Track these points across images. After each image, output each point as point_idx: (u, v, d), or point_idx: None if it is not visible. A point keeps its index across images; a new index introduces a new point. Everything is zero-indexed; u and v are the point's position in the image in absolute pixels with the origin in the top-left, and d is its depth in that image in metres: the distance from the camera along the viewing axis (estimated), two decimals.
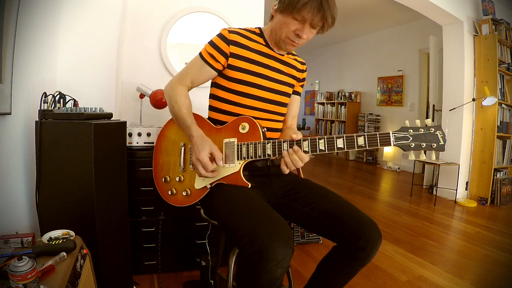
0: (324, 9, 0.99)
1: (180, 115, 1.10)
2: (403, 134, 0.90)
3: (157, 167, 1.21)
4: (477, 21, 3.57)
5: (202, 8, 2.21)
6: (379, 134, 0.91)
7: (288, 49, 1.17)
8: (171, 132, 1.20)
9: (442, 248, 2.27)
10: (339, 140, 0.93)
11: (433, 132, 0.90)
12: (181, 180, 1.14)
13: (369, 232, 0.99)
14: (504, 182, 3.47)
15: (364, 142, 0.92)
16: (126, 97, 2.08)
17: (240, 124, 1.08)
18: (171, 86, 1.16)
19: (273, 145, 1.02)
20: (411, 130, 0.91)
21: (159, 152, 1.22)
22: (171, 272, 1.79)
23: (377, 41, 5.98)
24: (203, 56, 1.13)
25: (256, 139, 1.05)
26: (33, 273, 0.67)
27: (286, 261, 0.82)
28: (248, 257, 0.84)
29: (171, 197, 1.16)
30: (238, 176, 1.06)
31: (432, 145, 0.89)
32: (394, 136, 0.90)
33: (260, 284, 0.84)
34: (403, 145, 0.90)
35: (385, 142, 0.90)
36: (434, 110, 4.04)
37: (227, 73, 1.14)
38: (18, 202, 1.18)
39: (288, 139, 1.00)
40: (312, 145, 0.97)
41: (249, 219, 0.89)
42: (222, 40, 1.11)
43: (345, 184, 4.36)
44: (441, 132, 0.90)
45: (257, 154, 1.03)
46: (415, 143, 0.90)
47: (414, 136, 0.90)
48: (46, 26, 1.40)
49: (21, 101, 1.17)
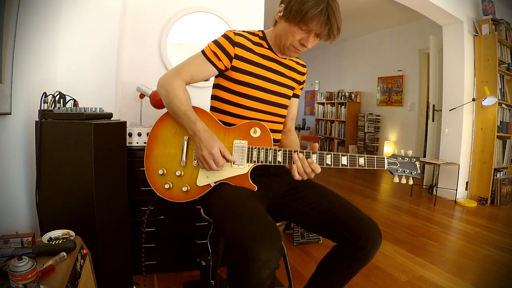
0: (331, 22, 1.00)
1: (182, 110, 1.07)
2: (394, 160, 1.11)
3: (151, 158, 1.13)
4: (477, 21, 3.57)
5: (202, 8, 2.21)
6: (377, 157, 1.10)
7: (291, 56, 1.18)
8: (171, 124, 1.14)
9: (442, 248, 2.27)
10: (343, 158, 1.08)
11: (414, 162, 1.11)
12: (181, 175, 1.10)
13: (369, 232, 0.99)
14: (504, 182, 3.47)
15: (364, 163, 1.08)
16: (126, 97, 2.08)
17: (252, 128, 1.09)
18: (167, 79, 1.12)
19: (284, 153, 1.06)
20: (400, 158, 1.11)
21: (154, 142, 1.14)
22: (171, 272, 1.79)
23: (377, 41, 5.98)
24: (206, 54, 1.12)
25: (266, 144, 1.08)
26: (33, 273, 0.67)
27: (273, 262, 0.82)
28: (235, 257, 0.85)
29: (167, 191, 1.10)
30: (245, 178, 1.06)
31: (412, 172, 1.11)
32: (387, 161, 1.10)
33: (247, 285, 0.84)
34: (392, 169, 1.10)
35: (381, 165, 1.09)
36: (434, 110, 4.04)
37: (230, 75, 1.14)
38: (18, 202, 1.18)
39: (299, 149, 1.06)
40: (320, 159, 1.06)
41: (238, 219, 0.90)
42: (228, 41, 1.11)
43: (345, 184, 4.36)
44: (419, 163, 1.12)
45: (268, 160, 1.06)
46: (401, 169, 1.11)
47: (401, 163, 1.11)
48: (46, 26, 1.40)
49: (21, 101, 1.17)
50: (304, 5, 0.98)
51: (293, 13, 1.01)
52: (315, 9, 0.98)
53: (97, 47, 1.70)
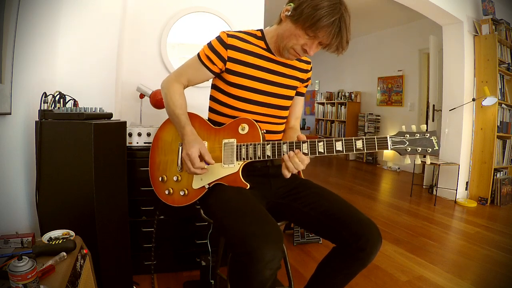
0: (342, 35, 0.96)
1: (175, 114, 1.11)
2: (400, 138, 0.93)
3: (154, 166, 1.21)
4: (477, 21, 3.57)
5: (202, 8, 2.21)
6: (377, 138, 0.93)
7: (289, 59, 1.13)
8: (168, 132, 1.20)
9: (442, 248, 2.27)
10: (338, 143, 0.95)
11: (428, 137, 0.93)
12: (178, 179, 1.14)
13: (369, 233, 0.99)
14: (504, 182, 3.46)
15: (362, 146, 0.94)
16: (126, 97, 2.07)
17: (240, 125, 1.08)
18: (167, 83, 1.17)
19: (272, 146, 1.02)
20: (408, 135, 0.94)
21: (155, 151, 1.22)
22: (171, 272, 1.79)
23: (377, 41, 5.98)
24: (201, 58, 1.12)
25: (255, 140, 1.05)
26: (33, 273, 0.67)
27: (275, 262, 0.82)
28: (238, 257, 0.85)
29: (168, 197, 1.16)
30: (237, 177, 1.06)
31: (427, 150, 0.93)
32: (391, 140, 0.93)
33: (250, 285, 0.84)
34: (399, 149, 0.93)
35: (383, 146, 0.93)
36: (434, 110, 4.04)
37: (225, 77, 1.13)
38: (18, 202, 1.18)
39: (288, 140, 1.01)
40: (312, 147, 0.98)
41: (240, 220, 0.90)
42: (220, 44, 1.10)
43: (345, 184, 4.36)
44: (435, 138, 0.93)
45: (257, 155, 1.03)
46: (411, 148, 0.93)
47: (410, 140, 0.93)
48: (46, 26, 1.40)
49: (21, 101, 1.17)
50: (317, 11, 0.93)
51: (303, 16, 0.95)
52: (328, 18, 0.93)
53: (97, 47, 1.70)
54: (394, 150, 0.93)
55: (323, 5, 0.93)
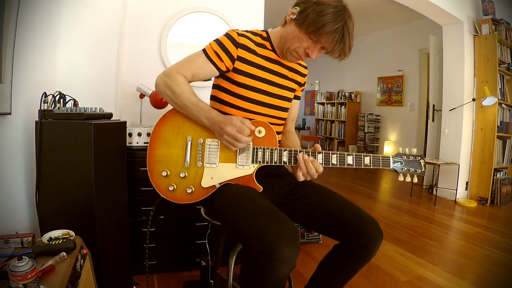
0: (344, 42, 0.98)
1: (193, 101, 1.04)
2: (399, 159, 1.12)
3: (154, 158, 1.10)
4: (477, 21, 3.57)
5: (202, 8, 2.21)
6: (382, 157, 1.10)
7: (292, 61, 1.14)
8: (174, 123, 1.11)
9: (442, 248, 2.27)
10: (349, 157, 1.08)
11: (418, 160, 1.13)
12: (185, 176, 1.07)
13: (371, 230, 1.00)
14: (504, 182, 3.47)
15: (369, 162, 1.08)
16: (126, 97, 2.08)
17: (257, 128, 1.07)
18: (169, 76, 1.06)
19: (289, 153, 1.05)
20: (404, 157, 1.13)
21: (156, 142, 1.11)
22: (171, 272, 1.79)
23: (377, 41, 5.98)
24: (208, 54, 1.08)
25: (271, 144, 1.07)
26: (33, 273, 0.67)
27: (292, 261, 0.82)
28: (255, 256, 0.84)
29: (170, 193, 1.08)
30: (250, 179, 1.06)
31: (416, 171, 1.12)
32: (393, 160, 1.11)
33: (265, 283, 0.84)
34: (397, 167, 1.12)
35: (386, 164, 1.10)
36: (434, 110, 4.04)
37: (231, 76, 1.10)
38: (18, 202, 1.18)
39: (304, 149, 1.05)
40: (326, 159, 1.06)
41: (254, 218, 0.89)
42: (231, 42, 1.08)
43: (345, 184, 4.36)
44: (424, 161, 1.14)
45: (273, 160, 1.06)
46: (406, 168, 1.12)
47: (405, 162, 1.13)
48: (46, 26, 1.40)
49: (21, 101, 1.17)
50: (321, 17, 0.95)
51: (308, 21, 0.97)
52: (332, 25, 0.95)
53: (97, 47, 1.70)
54: (393, 168, 1.11)
55: (328, 12, 0.95)
